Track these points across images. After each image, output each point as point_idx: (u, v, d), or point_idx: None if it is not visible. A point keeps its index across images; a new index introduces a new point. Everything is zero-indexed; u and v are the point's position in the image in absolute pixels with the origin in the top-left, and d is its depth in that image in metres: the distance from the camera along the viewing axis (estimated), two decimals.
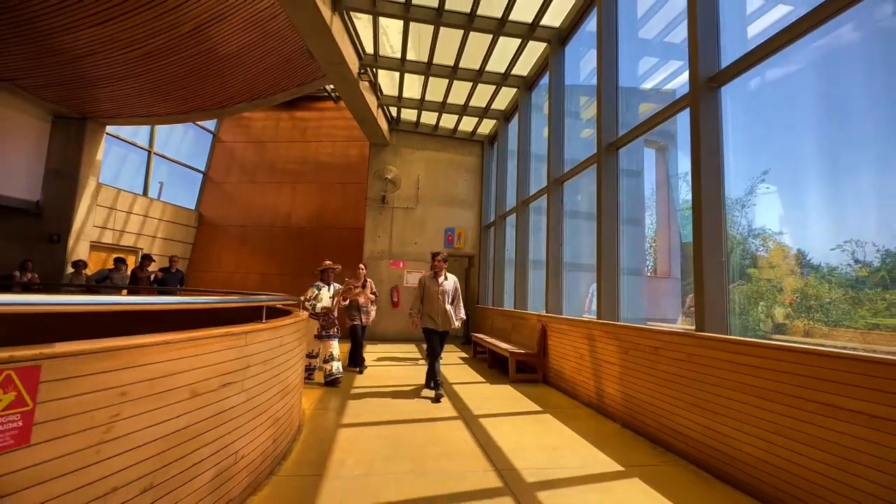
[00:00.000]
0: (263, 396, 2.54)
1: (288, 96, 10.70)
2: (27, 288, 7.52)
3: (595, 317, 4.94)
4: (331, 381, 5.15)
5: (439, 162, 11.07)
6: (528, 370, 6.08)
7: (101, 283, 7.39)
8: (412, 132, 10.96)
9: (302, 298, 5.23)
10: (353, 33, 7.15)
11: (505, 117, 9.70)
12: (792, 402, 2.37)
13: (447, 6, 6.32)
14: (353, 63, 7.35)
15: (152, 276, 7.79)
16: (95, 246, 10.53)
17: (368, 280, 6.42)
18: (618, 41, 5.26)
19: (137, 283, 7.48)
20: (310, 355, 5.38)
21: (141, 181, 12.20)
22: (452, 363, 7.27)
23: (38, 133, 9.71)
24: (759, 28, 3.54)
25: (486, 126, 10.53)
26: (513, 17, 6.43)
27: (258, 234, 13.71)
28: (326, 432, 3.51)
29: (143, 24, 7.31)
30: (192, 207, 13.88)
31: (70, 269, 8.62)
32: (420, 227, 10.89)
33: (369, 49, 7.73)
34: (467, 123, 10.50)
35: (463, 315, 5.05)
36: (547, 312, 6.25)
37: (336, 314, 5.48)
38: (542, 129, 7.94)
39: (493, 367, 6.91)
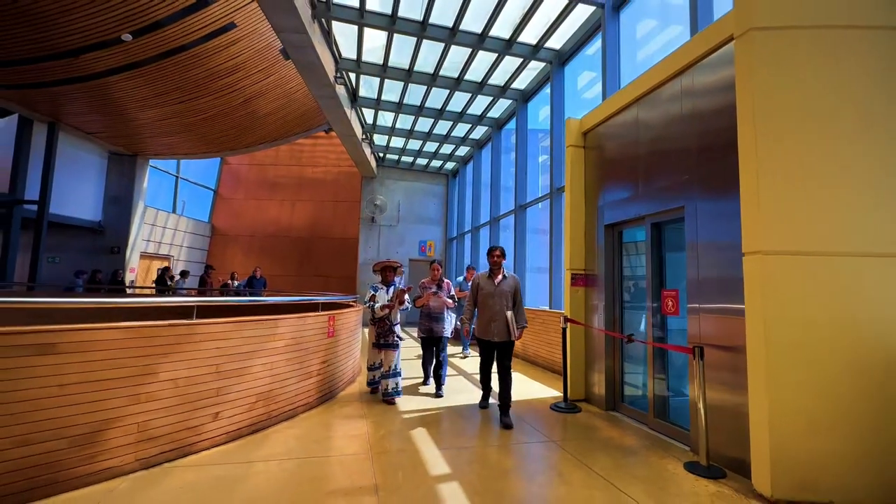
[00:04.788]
0: (360, 339, 6.00)
1: (300, 137, 13.82)
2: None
3: None
4: (387, 400, 4.56)
5: (415, 190, 14.53)
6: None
7: (249, 286, 10.76)
8: (394, 167, 14.35)
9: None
10: (360, 116, 10.50)
11: (464, 161, 13.31)
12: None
13: (427, 104, 9.79)
14: (359, 132, 10.67)
15: (236, 283, 10.89)
16: (143, 255, 13.25)
17: (445, 280, 5.31)
18: (527, 137, 8.95)
19: (205, 286, 10.52)
20: (371, 367, 4.87)
21: (170, 200, 14.88)
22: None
23: (99, 167, 12.35)
24: None
25: (451, 164, 14.08)
26: (469, 111, 10.00)
27: (263, 243, 16.65)
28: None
29: (208, 102, 10.32)
30: (206, 220, 16.60)
31: (178, 277, 11.53)
32: (400, 240, 14.31)
33: (370, 121, 11.07)
34: (437, 162, 14.00)
35: (525, 323, 4.17)
36: None
37: (397, 320, 4.77)
38: (488, 177, 11.57)
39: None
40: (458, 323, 5.55)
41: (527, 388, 5.47)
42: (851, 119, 2.68)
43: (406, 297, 4.72)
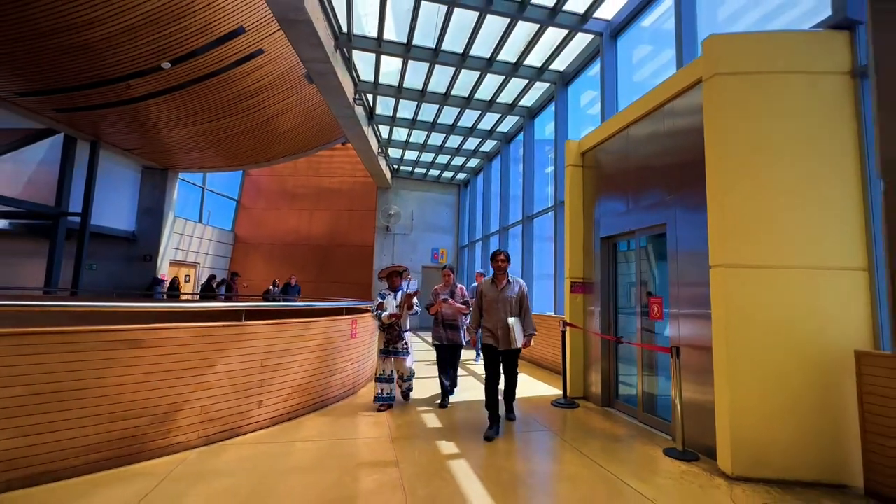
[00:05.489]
0: (375, 341, 6.54)
1: (319, 149, 14.54)
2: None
3: None
4: (402, 395, 4.87)
5: (427, 200, 15.11)
6: None
7: (284, 292, 11.45)
8: (408, 178, 14.96)
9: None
10: (377, 131, 11.13)
11: (475, 172, 13.85)
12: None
13: (440, 120, 10.36)
14: (375, 146, 11.30)
15: (276, 289, 11.66)
16: (172, 262, 14.06)
17: (458, 286, 5.21)
18: (534, 151, 9.45)
19: (231, 291, 11.21)
20: (380, 378, 4.54)
21: (197, 211, 15.73)
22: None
23: (134, 180, 13.22)
24: None
25: (462, 175, 14.63)
26: (479, 127, 10.55)
27: (284, 250, 17.39)
28: None
29: (235, 120, 11.06)
30: (229, 229, 17.43)
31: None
32: (413, 247, 14.88)
33: (385, 135, 11.70)
34: (449, 173, 14.57)
35: (534, 330, 4.07)
36: None
37: (407, 326, 4.72)
38: (498, 187, 12.09)
39: None
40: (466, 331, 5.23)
41: (532, 387, 5.93)
42: (796, 150, 3.13)
43: (415, 300, 4.70)
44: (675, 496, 2.72)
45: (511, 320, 3.89)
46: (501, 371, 4.12)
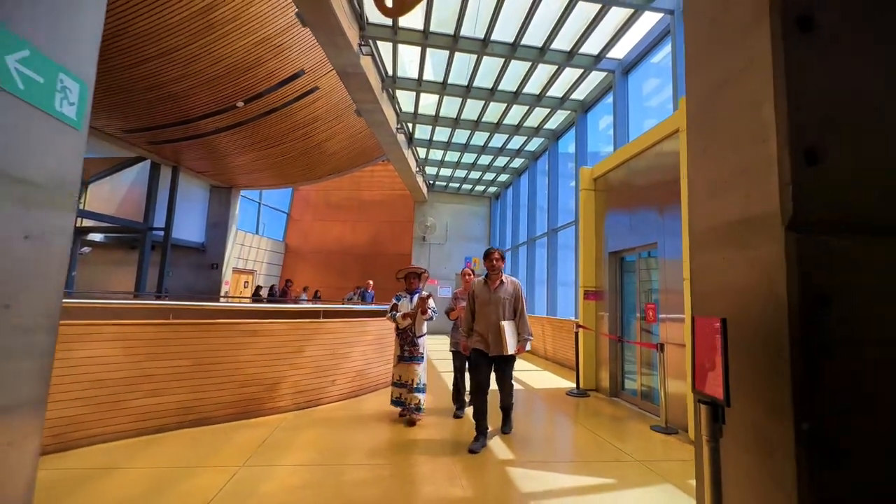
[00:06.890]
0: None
1: (362, 167, 15.98)
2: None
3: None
4: (407, 420, 4.19)
5: (461, 211, 16.18)
6: None
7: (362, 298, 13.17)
8: (443, 192, 16.11)
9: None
10: (415, 153, 12.35)
11: (505, 186, 14.81)
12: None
13: (472, 142, 11.43)
14: (413, 165, 12.50)
15: (353, 293, 13.38)
16: (234, 270, 15.82)
17: None
18: (559, 170, 10.32)
19: (285, 297, 12.67)
20: (397, 384, 4.29)
21: (254, 223, 17.53)
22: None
23: (204, 198, 15.05)
24: None
25: (493, 188, 15.62)
26: (508, 147, 11.53)
27: (329, 258, 18.93)
28: None
29: (290, 146, 12.57)
30: (281, 239, 19.18)
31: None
32: (447, 256, 15.96)
33: (423, 155, 12.89)
34: (481, 186, 15.60)
35: (529, 335, 3.71)
36: None
37: (423, 331, 4.46)
38: (526, 200, 12.99)
39: None
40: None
41: (551, 381, 6.82)
42: None
43: (430, 303, 4.30)
44: (645, 450, 3.60)
45: (503, 323, 3.57)
46: (492, 381, 3.70)
